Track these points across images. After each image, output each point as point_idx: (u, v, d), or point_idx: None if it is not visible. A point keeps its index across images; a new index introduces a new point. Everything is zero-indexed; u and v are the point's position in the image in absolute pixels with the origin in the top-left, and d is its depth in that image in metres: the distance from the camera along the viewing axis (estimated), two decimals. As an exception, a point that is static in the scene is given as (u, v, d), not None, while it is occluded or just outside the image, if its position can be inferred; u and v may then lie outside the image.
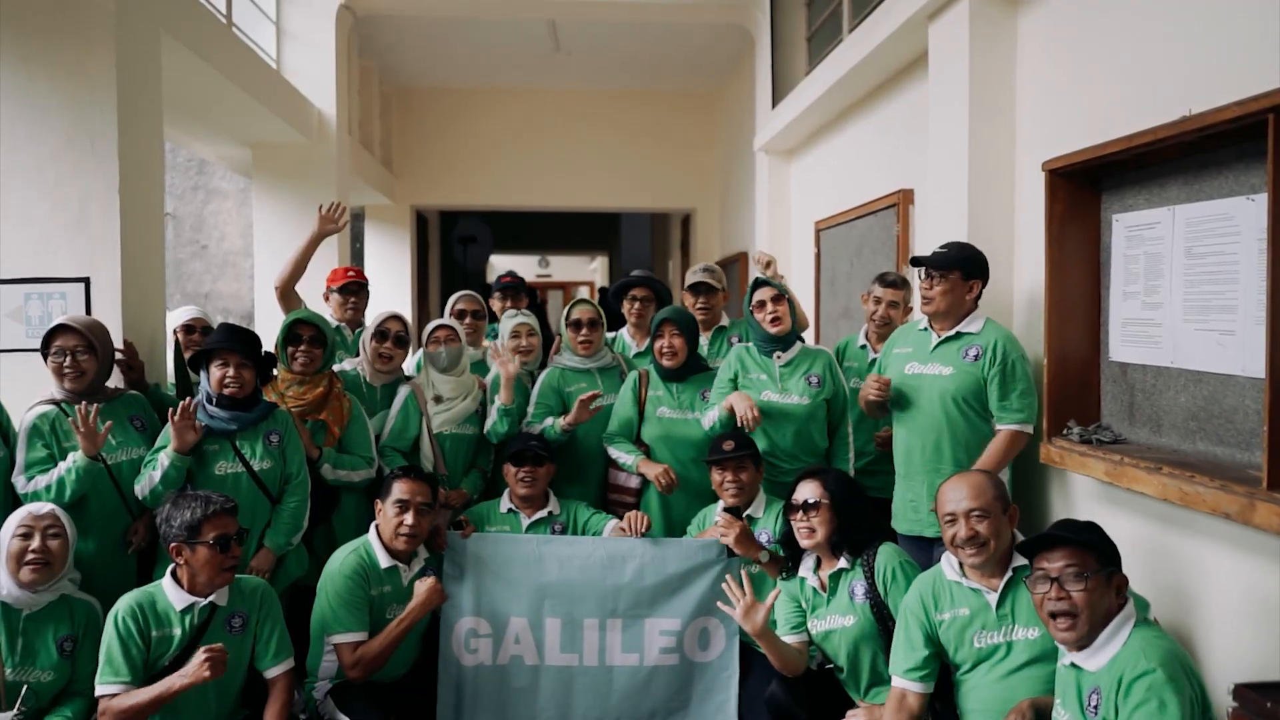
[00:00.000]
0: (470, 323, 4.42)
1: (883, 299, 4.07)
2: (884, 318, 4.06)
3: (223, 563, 2.77)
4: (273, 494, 3.35)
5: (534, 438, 3.72)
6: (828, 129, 6.11)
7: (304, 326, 3.58)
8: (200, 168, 10.68)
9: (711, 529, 3.49)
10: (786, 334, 3.74)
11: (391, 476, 3.27)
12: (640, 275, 4.64)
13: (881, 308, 4.07)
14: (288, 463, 3.38)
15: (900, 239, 4.67)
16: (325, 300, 4.51)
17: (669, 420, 3.82)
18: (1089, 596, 2.19)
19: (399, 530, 3.18)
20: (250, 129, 6.27)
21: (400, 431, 3.80)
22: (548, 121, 9.81)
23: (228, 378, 3.25)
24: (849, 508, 3.03)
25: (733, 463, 3.46)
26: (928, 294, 3.29)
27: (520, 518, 3.64)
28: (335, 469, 3.53)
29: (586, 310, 4.08)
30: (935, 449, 3.30)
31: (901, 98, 4.88)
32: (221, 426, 3.25)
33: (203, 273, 10.83)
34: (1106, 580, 2.22)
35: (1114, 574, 2.23)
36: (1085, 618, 2.20)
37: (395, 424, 3.80)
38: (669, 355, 3.80)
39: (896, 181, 4.79)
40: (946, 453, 3.27)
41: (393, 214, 9.96)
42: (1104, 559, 2.23)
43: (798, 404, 3.67)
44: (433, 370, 3.92)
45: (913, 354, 3.43)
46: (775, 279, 3.95)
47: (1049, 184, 3.04)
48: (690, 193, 9.95)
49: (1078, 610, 2.20)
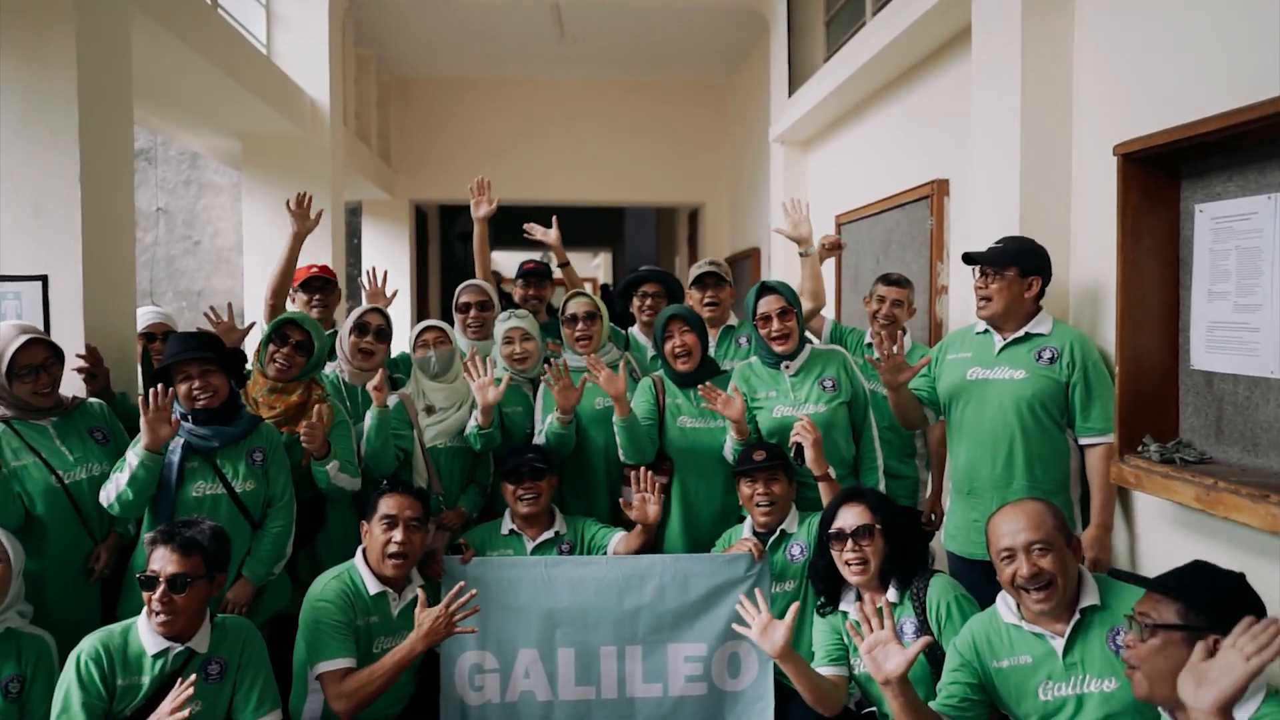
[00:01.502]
0: (476, 315, 4.08)
1: (886, 298, 3.82)
2: (888, 317, 3.80)
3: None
4: (254, 518, 3.01)
5: (530, 449, 3.38)
6: (849, 118, 5.77)
7: (293, 329, 3.25)
8: (193, 161, 10.35)
9: (734, 546, 3.16)
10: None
11: (377, 492, 2.93)
12: (650, 269, 4.31)
13: (885, 307, 3.81)
14: (271, 483, 3.05)
15: (934, 232, 4.33)
16: (291, 302, 4.16)
17: (692, 431, 3.47)
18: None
19: (387, 549, 2.85)
20: (238, 118, 5.93)
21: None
22: (552, 113, 9.48)
23: (195, 390, 2.91)
24: (898, 531, 2.71)
25: (764, 474, 3.14)
26: (984, 294, 2.96)
27: (524, 540, 3.31)
28: (340, 471, 3.17)
29: (582, 303, 3.72)
30: (1006, 462, 2.96)
31: (935, 81, 4.54)
32: (202, 444, 2.92)
33: (195, 270, 10.51)
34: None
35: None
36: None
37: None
38: (683, 356, 3.46)
39: (929, 171, 4.45)
40: (1019, 466, 2.94)
41: (391, 209, 9.64)
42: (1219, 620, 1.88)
43: (814, 413, 3.35)
44: (423, 378, 3.58)
45: (973, 359, 3.10)
46: (817, 253, 3.60)
47: (1122, 170, 2.69)
48: (699, 187, 9.62)
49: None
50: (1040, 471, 2.91)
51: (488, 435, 3.45)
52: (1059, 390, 2.90)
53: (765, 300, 3.39)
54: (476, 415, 3.45)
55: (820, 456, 3.07)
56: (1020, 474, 2.93)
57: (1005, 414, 2.96)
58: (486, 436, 3.45)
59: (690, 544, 3.43)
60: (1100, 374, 2.87)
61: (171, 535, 2.46)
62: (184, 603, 2.43)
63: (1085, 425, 2.89)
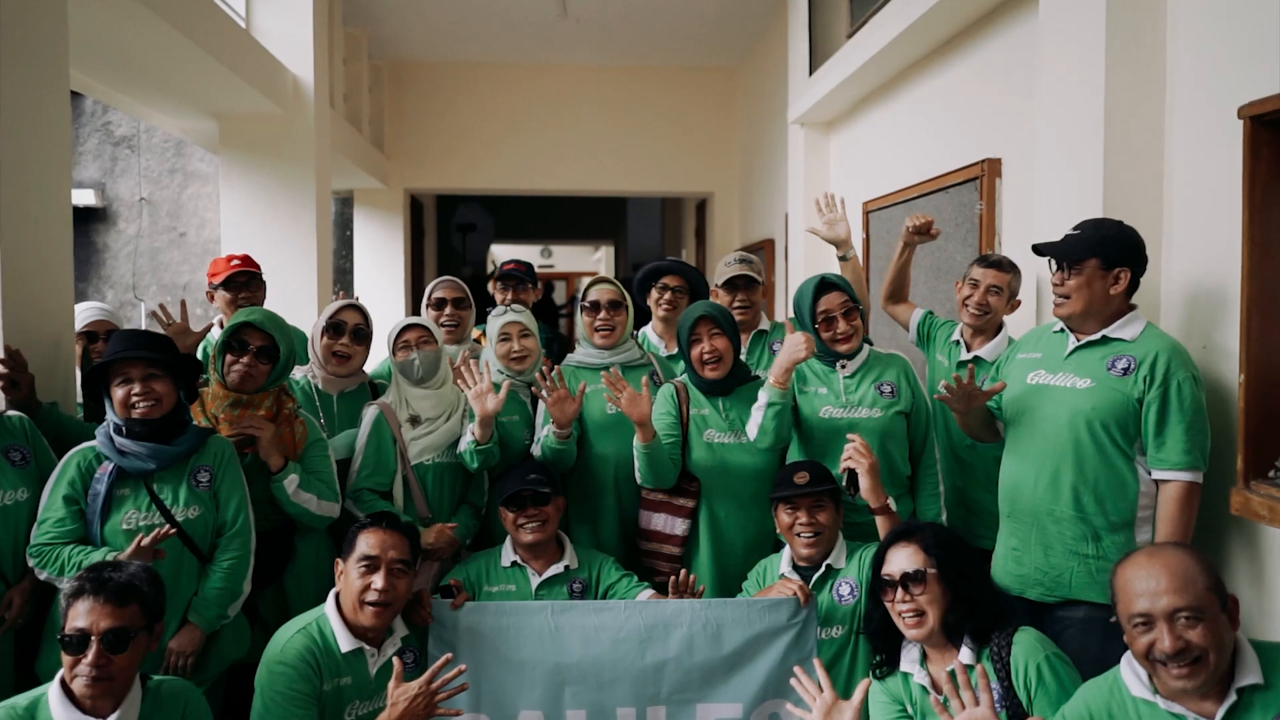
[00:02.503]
0: (451, 313, 3.61)
1: (980, 282, 3.20)
2: (981, 304, 3.20)
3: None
4: (202, 550, 2.54)
5: (531, 468, 2.92)
6: (879, 95, 5.29)
7: (252, 334, 2.78)
8: (178, 149, 9.89)
9: (773, 588, 2.69)
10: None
11: (357, 528, 2.46)
12: (672, 260, 3.85)
13: (978, 293, 3.20)
14: (222, 507, 2.58)
15: (984, 218, 3.86)
16: (210, 300, 3.69)
17: (721, 446, 3.01)
18: None
19: (365, 597, 2.38)
20: (214, 96, 5.44)
21: (375, 466, 2.99)
22: (553, 99, 9.00)
23: (134, 395, 2.44)
24: (963, 575, 2.23)
25: (807, 500, 2.67)
26: (1061, 292, 2.50)
27: (528, 574, 2.84)
28: (300, 489, 2.72)
29: (607, 290, 3.27)
30: (1051, 483, 2.51)
31: (986, 49, 4.06)
32: (136, 465, 2.45)
33: (180, 262, 10.04)
34: None
35: None
36: None
37: (366, 457, 3.00)
38: (712, 363, 3.00)
39: (978, 150, 3.97)
40: (1065, 492, 2.49)
41: (385, 199, 9.16)
42: None
43: (868, 417, 2.90)
44: (405, 384, 3.11)
45: (1041, 360, 2.64)
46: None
47: (1250, 136, 2.23)
48: (708, 175, 9.13)
49: None
50: (1091, 503, 2.46)
51: (486, 452, 3.00)
52: (1129, 408, 2.43)
53: (827, 298, 2.96)
54: (472, 429, 2.99)
55: (877, 485, 2.61)
56: (1066, 500, 2.48)
57: (1058, 428, 2.51)
58: (484, 454, 3.00)
59: (719, 577, 2.99)
60: (1185, 395, 2.37)
61: (101, 583, 2.00)
62: (125, 663, 1.98)
63: (1158, 455, 2.40)
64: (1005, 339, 3.26)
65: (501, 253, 16.09)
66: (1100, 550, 2.46)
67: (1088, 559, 2.47)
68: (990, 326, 3.26)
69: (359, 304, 3.18)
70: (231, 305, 3.62)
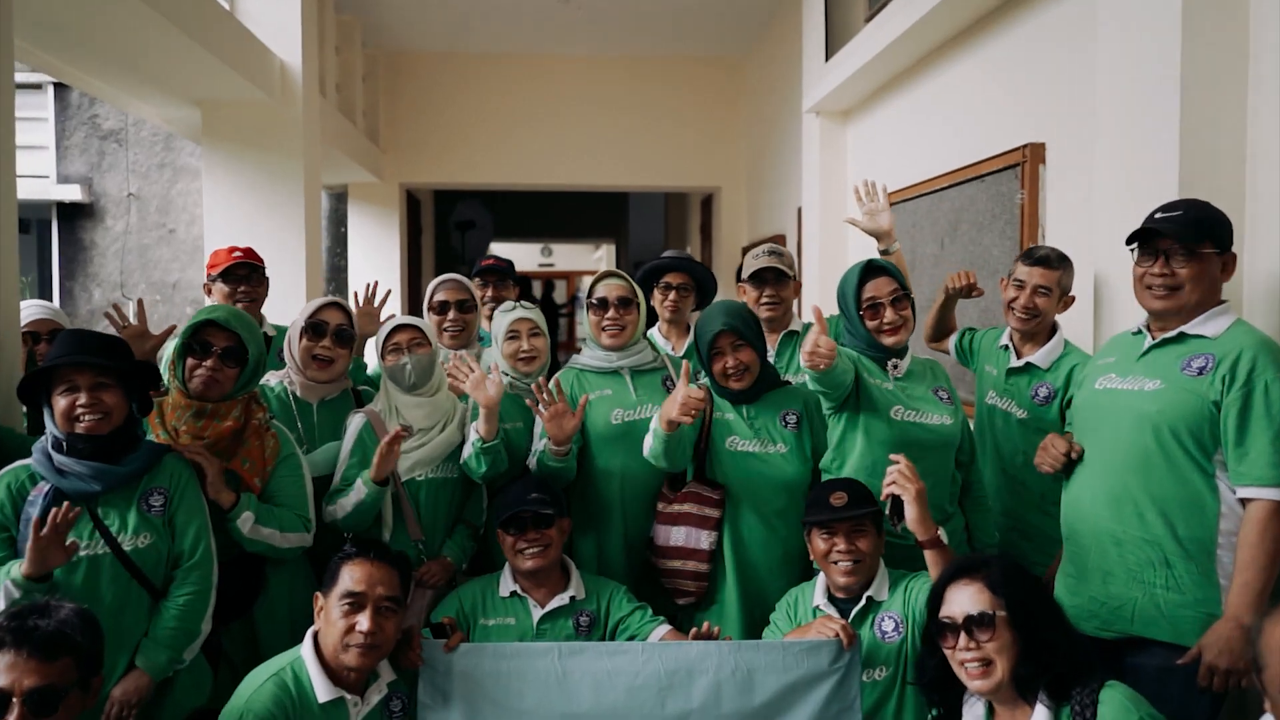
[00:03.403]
0: (456, 317, 3.30)
1: (1026, 282, 2.88)
2: (1028, 307, 2.88)
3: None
4: (154, 583, 2.22)
5: (533, 487, 2.60)
6: (903, 81, 4.97)
7: (216, 333, 2.45)
8: (167, 143, 9.59)
9: (811, 627, 2.37)
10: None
11: (340, 559, 2.15)
12: (674, 256, 3.54)
13: (1025, 294, 2.88)
14: (178, 535, 2.25)
15: (1025, 208, 3.54)
16: (207, 294, 3.39)
17: (746, 456, 2.70)
18: None
19: (348, 640, 2.07)
20: (197, 83, 5.13)
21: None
22: (554, 91, 8.69)
23: (79, 406, 2.13)
24: (1037, 619, 1.92)
25: (845, 524, 2.36)
26: (1169, 281, 2.18)
27: (528, 605, 2.53)
28: (258, 524, 2.40)
29: (616, 285, 2.93)
30: (1114, 499, 2.21)
31: (1027, 25, 3.74)
32: (77, 487, 2.13)
33: (170, 260, 9.74)
34: None
35: None
36: None
37: (348, 471, 2.68)
38: (737, 377, 2.69)
39: (1018, 135, 3.65)
40: (1128, 507, 2.18)
41: (380, 194, 8.84)
42: None
43: (939, 425, 2.58)
44: (396, 391, 2.79)
45: (1114, 364, 2.33)
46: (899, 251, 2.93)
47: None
48: (714, 170, 8.82)
49: None
50: (1159, 522, 2.15)
51: (493, 452, 2.69)
52: (1204, 412, 2.11)
53: (874, 284, 2.63)
54: (475, 428, 2.68)
55: (926, 515, 2.28)
56: (1132, 521, 2.17)
57: (1123, 436, 2.21)
58: (492, 454, 2.69)
59: (744, 600, 2.68)
60: (1274, 398, 2.06)
61: (24, 633, 1.69)
62: None
63: (1239, 468, 2.08)
64: (1060, 342, 2.94)
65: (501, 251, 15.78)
66: (1171, 580, 2.15)
67: (1154, 588, 2.17)
68: (1042, 330, 2.94)
69: (342, 302, 2.86)
70: (229, 300, 3.33)
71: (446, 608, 2.54)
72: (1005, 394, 3.03)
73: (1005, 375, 3.04)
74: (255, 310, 3.40)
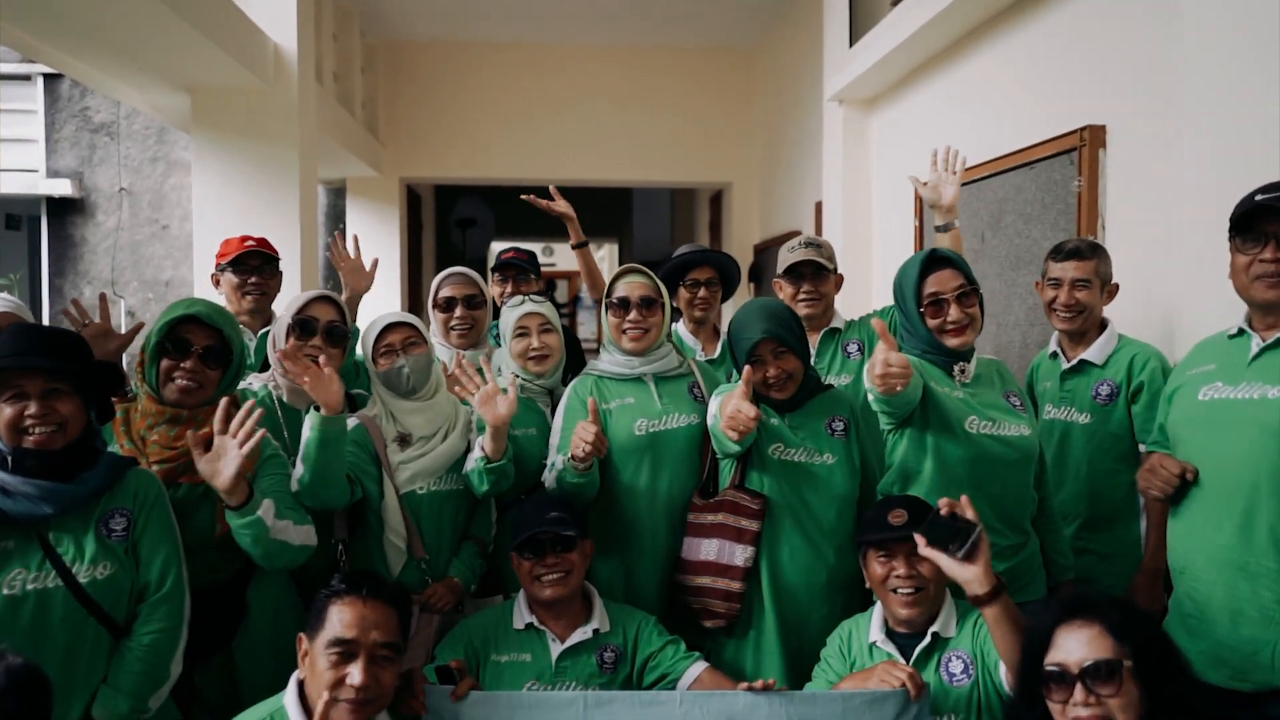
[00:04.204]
0: (463, 314, 3.01)
1: (1062, 278, 2.68)
2: (1069, 304, 2.67)
3: None
4: (115, 620, 1.92)
5: (552, 504, 2.31)
6: (934, 65, 4.68)
7: (195, 330, 2.16)
8: (160, 136, 9.31)
9: (873, 673, 2.07)
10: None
11: (326, 596, 1.84)
12: (700, 249, 3.26)
13: (1064, 291, 2.68)
14: (144, 564, 1.95)
15: (1084, 196, 3.24)
16: (215, 285, 3.11)
17: (792, 466, 2.40)
18: None
19: (337, 694, 1.76)
20: (186, 67, 4.84)
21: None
22: (560, 82, 8.39)
23: (28, 417, 1.83)
24: (1164, 670, 1.63)
25: (905, 547, 2.07)
26: None
27: (546, 640, 2.23)
28: (278, 517, 2.07)
29: (639, 283, 2.61)
30: (1242, 525, 1.92)
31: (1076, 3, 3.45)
32: (24, 510, 1.83)
33: (163, 257, 9.46)
34: None
35: None
36: None
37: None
38: (780, 388, 2.39)
39: (1073, 117, 3.35)
40: (1261, 533, 1.90)
41: (379, 188, 8.54)
42: None
43: (1018, 436, 2.30)
44: (390, 397, 2.50)
45: (1216, 372, 2.04)
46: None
47: None
48: (725, 164, 8.52)
49: None
50: None
51: (499, 471, 2.40)
52: None
53: (937, 277, 2.33)
54: (481, 444, 2.39)
55: (987, 566, 1.93)
56: (1264, 549, 1.89)
57: (1249, 452, 1.92)
58: (497, 474, 2.41)
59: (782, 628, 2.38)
60: None
61: None
62: None
63: None
64: (1114, 335, 2.72)
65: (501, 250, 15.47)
66: None
67: None
68: (1090, 326, 2.72)
69: (333, 295, 2.56)
70: (238, 292, 3.06)
71: (454, 641, 2.24)
72: (1062, 401, 2.77)
73: (1060, 382, 2.78)
74: (265, 305, 3.14)
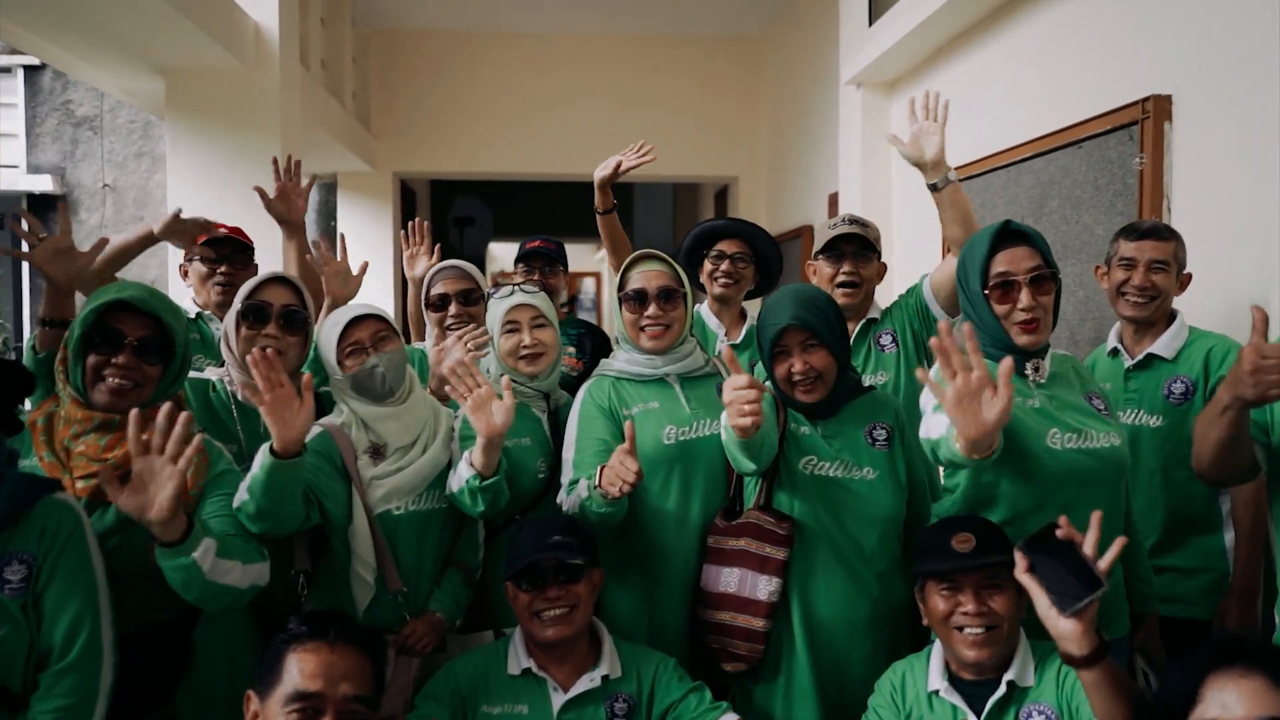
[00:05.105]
0: (459, 311, 2.67)
1: (1137, 259, 2.39)
2: (1143, 286, 2.38)
3: None
4: (11, 689, 1.55)
5: (555, 527, 1.96)
6: (963, 42, 4.35)
7: (128, 319, 1.81)
8: (145, 130, 8.97)
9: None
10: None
11: (284, 642, 1.49)
12: (728, 220, 2.92)
13: (1139, 273, 2.39)
14: (47, 622, 1.58)
15: (1147, 175, 2.90)
16: (183, 276, 2.81)
17: (826, 482, 2.06)
18: None
19: (295, 758, 1.43)
20: (159, 46, 4.51)
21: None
22: (559, 74, 8.08)
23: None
24: None
25: (974, 577, 1.73)
26: None
27: (547, 689, 1.89)
28: (220, 557, 1.71)
29: (657, 272, 2.26)
30: None
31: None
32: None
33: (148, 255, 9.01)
34: None
35: None
36: None
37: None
38: (806, 387, 2.05)
39: (1136, 88, 3.01)
40: None
41: (372, 184, 8.22)
42: None
43: (1108, 447, 1.96)
44: (362, 403, 2.15)
45: None
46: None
47: None
48: (731, 158, 8.20)
49: None
50: None
51: (493, 489, 2.05)
52: None
53: (1009, 254, 1.96)
54: (470, 457, 2.04)
55: (1092, 623, 1.57)
56: None
57: None
58: (491, 492, 2.05)
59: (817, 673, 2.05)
60: None
61: None
62: None
63: None
64: (1184, 327, 2.42)
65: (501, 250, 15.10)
66: None
67: None
68: (1161, 315, 2.43)
69: (289, 276, 2.21)
70: (205, 282, 2.80)
71: (437, 689, 1.90)
72: (1129, 403, 2.44)
73: (1124, 381, 2.45)
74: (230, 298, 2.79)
